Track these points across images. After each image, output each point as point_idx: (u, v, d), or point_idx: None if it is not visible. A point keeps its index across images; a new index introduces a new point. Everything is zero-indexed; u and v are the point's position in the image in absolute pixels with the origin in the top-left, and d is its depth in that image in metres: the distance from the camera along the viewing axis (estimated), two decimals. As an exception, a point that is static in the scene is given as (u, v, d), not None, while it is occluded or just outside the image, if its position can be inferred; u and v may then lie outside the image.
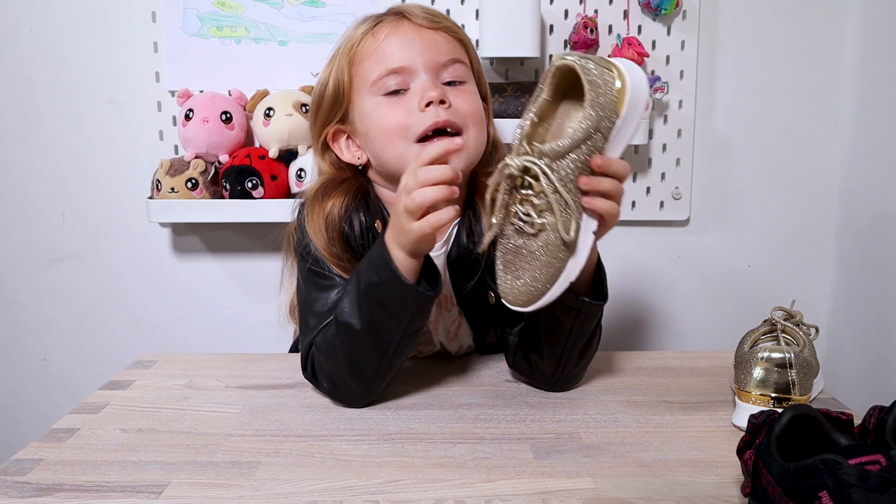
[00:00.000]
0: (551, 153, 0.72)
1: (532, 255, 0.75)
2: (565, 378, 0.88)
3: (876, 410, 0.60)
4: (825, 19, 1.37)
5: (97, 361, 1.48)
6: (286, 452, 0.74)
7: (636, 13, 1.35)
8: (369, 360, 0.82)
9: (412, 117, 0.88)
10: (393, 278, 0.78)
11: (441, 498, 0.65)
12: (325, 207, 0.92)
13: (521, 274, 0.75)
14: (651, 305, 1.48)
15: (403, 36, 0.90)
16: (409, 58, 0.90)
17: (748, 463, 0.59)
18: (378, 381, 0.84)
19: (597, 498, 0.65)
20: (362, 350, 0.81)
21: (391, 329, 0.81)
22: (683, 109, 1.39)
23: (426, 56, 0.90)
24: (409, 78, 0.90)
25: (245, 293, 1.47)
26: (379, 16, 0.94)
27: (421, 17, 0.92)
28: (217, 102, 1.31)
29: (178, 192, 1.29)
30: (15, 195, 1.44)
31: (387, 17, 0.93)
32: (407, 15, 0.92)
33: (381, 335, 0.81)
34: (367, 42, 0.92)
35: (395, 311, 0.80)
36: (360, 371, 0.83)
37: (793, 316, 0.85)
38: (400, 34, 0.91)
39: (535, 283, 0.75)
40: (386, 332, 0.81)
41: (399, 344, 0.82)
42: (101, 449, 0.76)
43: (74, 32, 1.38)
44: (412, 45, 0.90)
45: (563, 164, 0.72)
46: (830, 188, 1.42)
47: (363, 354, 0.82)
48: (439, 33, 0.92)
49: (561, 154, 0.72)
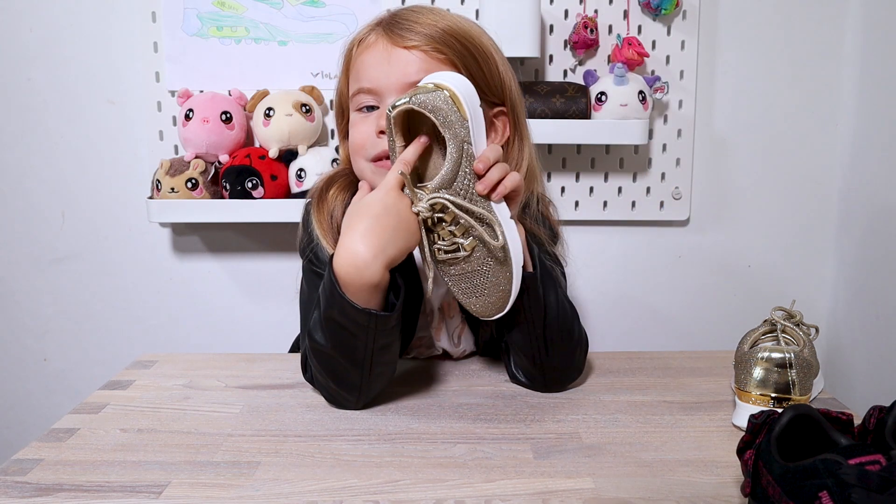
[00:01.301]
0: (443, 182, 0.78)
1: (479, 272, 0.81)
2: (550, 373, 0.87)
3: (876, 410, 0.60)
4: (825, 19, 1.37)
5: (97, 361, 1.48)
6: (286, 452, 0.74)
7: (636, 13, 1.35)
8: (348, 373, 0.82)
9: (369, 140, 0.89)
10: (343, 303, 0.77)
11: (441, 498, 0.65)
12: (328, 198, 0.93)
13: (480, 291, 0.82)
14: (651, 305, 1.48)
15: (376, 55, 0.88)
16: (376, 79, 0.88)
17: (748, 463, 0.59)
18: (365, 388, 0.83)
19: (597, 498, 0.65)
20: (338, 365, 0.81)
21: (359, 347, 0.80)
22: (683, 109, 1.39)
23: (393, 78, 0.87)
24: (379, 99, 0.89)
25: (245, 293, 1.47)
26: (375, 22, 0.92)
27: (402, 31, 0.87)
28: (217, 102, 1.31)
29: (178, 192, 1.29)
30: (15, 195, 1.44)
31: (374, 29, 0.91)
32: (389, 29, 0.89)
33: (350, 353, 0.80)
34: (354, 52, 0.92)
35: (356, 331, 0.79)
36: (343, 382, 0.83)
37: (793, 316, 0.85)
38: (373, 52, 0.88)
39: (497, 289, 0.81)
40: (355, 350, 0.80)
41: (372, 358, 0.81)
42: (101, 449, 0.75)
43: (74, 32, 1.38)
44: (382, 66, 0.88)
45: (457, 184, 0.78)
46: (830, 188, 1.42)
47: (340, 368, 0.81)
48: (413, 53, 0.87)
49: (451, 179, 0.78)
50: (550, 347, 0.86)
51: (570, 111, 1.29)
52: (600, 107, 1.30)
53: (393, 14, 0.91)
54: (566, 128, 1.29)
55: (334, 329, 0.79)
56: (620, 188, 1.42)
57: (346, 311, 0.77)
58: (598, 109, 1.30)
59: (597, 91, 1.30)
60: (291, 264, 1.47)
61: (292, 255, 1.48)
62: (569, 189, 1.42)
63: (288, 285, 1.46)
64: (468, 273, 0.81)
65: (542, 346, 0.85)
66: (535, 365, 0.87)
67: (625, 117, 1.29)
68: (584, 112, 1.30)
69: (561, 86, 1.31)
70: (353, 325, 0.78)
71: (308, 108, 1.31)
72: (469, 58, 0.88)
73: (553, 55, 1.37)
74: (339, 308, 0.78)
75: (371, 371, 0.82)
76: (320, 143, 1.37)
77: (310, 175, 1.29)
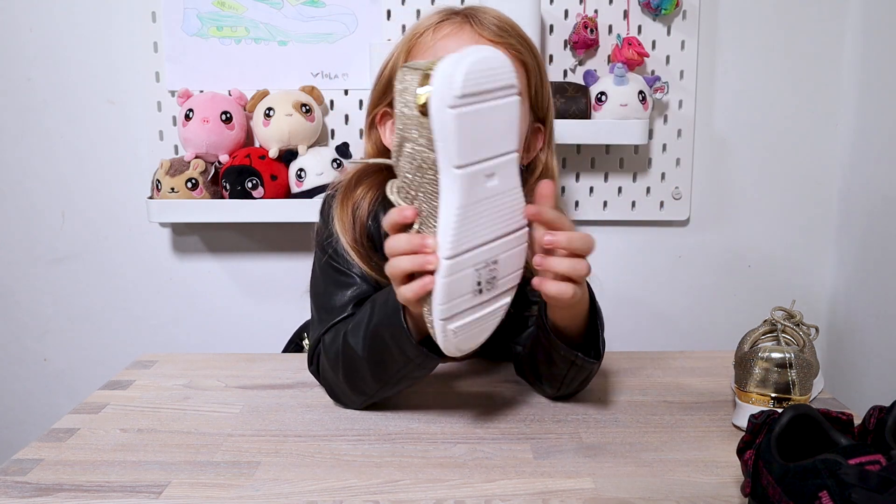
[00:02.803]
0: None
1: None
2: (566, 396, 0.87)
3: (876, 410, 0.60)
4: (825, 19, 1.37)
5: (97, 361, 1.48)
6: (286, 452, 0.74)
7: (636, 13, 1.35)
8: (367, 383, 0.81)
9: None
10: (400, 331, 0.75)
11: (441, 498, 0.65)
12: (356, 196, 0.91)
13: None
14: (651, 305, 1.48)
15: (460, 42, 0.86)
16: None
17: (748, 463, 0.59)
18: (375, 397, 0.83)
19: (597, 498, 0.65)
20: (362, 374, 0.81)
21: (392, 370, 0.79)
22: (683, 109, 1.39)
23: None
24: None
25: (245, 293, 1.47)
26: (450, 11, 0.91)
27: (488, 26, 0.87)
28: (217, 102, 1.31)
29: (178, 192, 1.29)
30: (15, 195, 1.44)
31: (455, 17, 0.89)
32: (474, 20, 0.88)
33: (381, 370, 0.80)
34: (427, 36, 0.89)
35: (398, 357, 0.78)
36: (357, 388, 0.82)
37: (793, 316, 0.85)
38: (458, 39, 0.87)
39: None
40: (387, 370, 0.80)
41: (399, 382, 0.81)
42: (101, 449, 0.75)
43: (74, 32, 1.38)
44: None
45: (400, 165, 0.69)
46: (830, 188, 1.42)
47: (362, 377, 0.81)
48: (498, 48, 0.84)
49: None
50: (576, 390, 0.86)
51: (570, 111, 1.29)
52: (600, 107, 1.30)
53: (472, 8, 0.91)
54: (566, 128, 1.29)
55: (378, 346, 0.78)
56: (620, 188, 1.42)
57: (398, 339, 0.76)
58: (598, 109, 1.30)
59: (597, 91, 1.30)
60: (291, 264, 1.47)
61: (292, 255, 1.49)
62: (569, 189, 1.42)
63: (288, 285, 1.46)
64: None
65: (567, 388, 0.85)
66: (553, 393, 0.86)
67: (625, 117, 1.29)
68: (584, 112, 1.30)
69: (561, 86, 1.31)
70: (399, 352, 0.77)
71: (308, 108, 1.31)
72: (536, 69, 0.90)
73: (553, 55, 1.37)
74: (392, 332, 0.76)
75: (390, 388, 0.82)
76: (320, 143, 1.37)
77: (310, 175, 1.29)
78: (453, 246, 0.65)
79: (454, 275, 0.66)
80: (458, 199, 0.64)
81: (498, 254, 0.68)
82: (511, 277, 0.71)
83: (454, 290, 0.66)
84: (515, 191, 0.69)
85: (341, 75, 1.37)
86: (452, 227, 0.65)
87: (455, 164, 0.64)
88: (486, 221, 0.67)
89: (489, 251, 0.68)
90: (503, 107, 0.66)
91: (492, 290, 0.69)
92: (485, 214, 0.67)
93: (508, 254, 0.69)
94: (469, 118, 0.63)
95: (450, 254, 0.65)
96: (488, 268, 0.68)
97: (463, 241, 0.65)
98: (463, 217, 0.65)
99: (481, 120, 0.64)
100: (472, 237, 0.66)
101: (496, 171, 0.67)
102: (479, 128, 0.64)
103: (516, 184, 0.69)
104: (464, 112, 0.62)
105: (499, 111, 0.66)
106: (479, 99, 0.64)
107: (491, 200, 0.67)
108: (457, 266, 0.66)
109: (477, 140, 0.65)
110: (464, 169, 0.64)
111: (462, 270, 0.66)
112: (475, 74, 0.63)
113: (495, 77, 0.65)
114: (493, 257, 0.68)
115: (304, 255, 1.45)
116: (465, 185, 0.64)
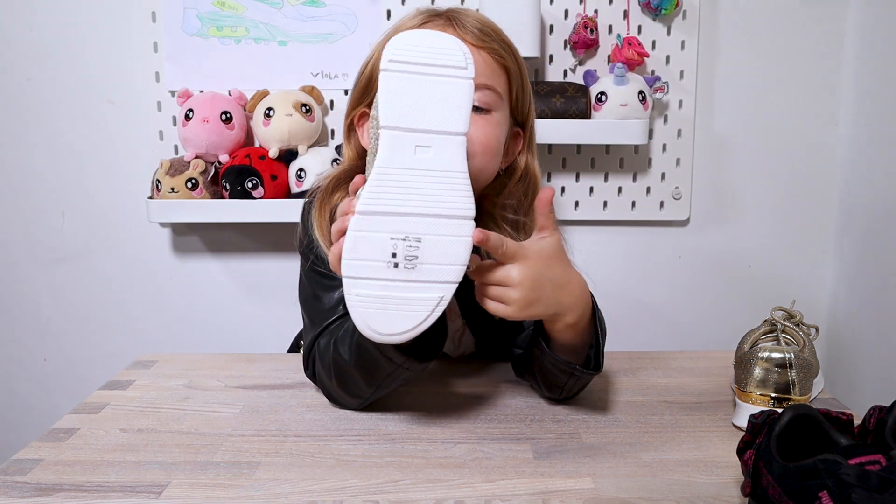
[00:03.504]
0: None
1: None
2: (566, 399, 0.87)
3: (876, 410, 0.60)
4: (825, 19, 1.37)
5: (97, 361, 1.48)
6: (286, 452, 0.74)
7: (636, 13, 1.35)
8: (360, 387, 0.82)
9: None
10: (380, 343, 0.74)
11: (441, 498, 0.65)
12: (333, 202, 0.90)
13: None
14: (651, 305, 1.48)
15: None
16: None
17: (748, 463, 0.59)
18: (371, 399, 0.84)
19: (597, 498, 0.65)
20: (354, 380, 0.81)
21: (381, 375, 0.79)
22: (683, 109, 1.39)
23: None
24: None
25: (245, 293, 1.47)
26: (432, 12, 0.90)
27: (471, 29, 0.86)
28: (217, 102, 1.31)
29: (178, 192, 1.29)
30: (15, 195, 1.44)
31: (437, 18, 0.89)
32: (457, 22, 0.87)
33: (371, 376, 0.80)
34: None
35: (385, 364, 0.78)
36: (351, 392, 0.83)
37: (793, 316, 0.85)
38: None
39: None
40: (377, 376, 0.80)
41: (392, 383, 0.81)
42: (101, 449, 0.75)
43: (74, 32, 1.38)
44: None
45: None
46: (830, 188, 1.42)
47: (355, 382, 0.81)
48: (481, 53, 0.85)
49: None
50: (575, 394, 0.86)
51: (570, 111, 1.29)
52: (600, 107, 1.30)
53: (455, 10, 0.89)
54: (566, 128, 1.29)
55: (364, 355, 0.78)
56: (620, 188, 1.42)
57: (382, 348, 0.76)
58: (598, 109, 1.30)
59: (597, 91, 1.30)
60: (291, 264, 1.47)
61: (292, 255, 1.48)
62: (569, 189, 1.42)
63: (288, 285, 1.45)
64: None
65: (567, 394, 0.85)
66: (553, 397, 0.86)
67: (625, 117, 1.29)
68: (584, 112, 1.30)
69: (561, 86, 1.31)
70: (386, 360, 0.77)
71: (308, 108, 1.31)
72: (517, 73, 0.89)
73: (553, 55, 1.37)
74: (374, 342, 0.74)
75: (384, 390, 0.82)
76: (320, 143, 1.37)
77: (310, 175, 1.29)
78: (366, 202, 0.68)
79: (364, 232, 0.68)
80: (381, 159, 0.68)
81: (422, 232, 0.68)
82: (441, 268, 0.69)
83: (362, 249, 0.68)
84: (456, 175, 0.69)
85: (341, 75, 1.38)
86: (370, 183, 0.68)
87: (382, 122, 0.68)
88: (410, 192, 0.68)
89: (409, 224, 0.68)
90: (446, 85, 0.68)
91: (412, 272, 0.69)
92: (410, 185, 0.68)
93: (437, 238, 0.69)
94: (398, 83, 0.68)
95: (362, 208, 0.68)
96: (407, 242, 0.68)
97: (378, 200, 0.68)
98: (382, 176, 0.68)
99: (416, 89, 0.68)
100: (390, 201, 0.68)
101: (432, 146, 0.68)
102: (413, 96, 0.68)
103: (459, 168, 0.69)
104: (391, 76, 0.67)
105: (441, 88, 0.68)
106: (413, 70, 0.68)
107: (421, 173, 0.68)
108: (368, 223, 0.68)
109: (408, 107, 0.68)
110: (390, 130, 0.68)
111: (374, 231, 0.68)
112: (410, 47, 0.68)
113: (439, 55, 0.68)
114: (416, 234, 0.68)
115: (304, 255, 1.44)
116: (390, 147, 0.68)
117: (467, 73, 0.69)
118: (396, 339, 0.70)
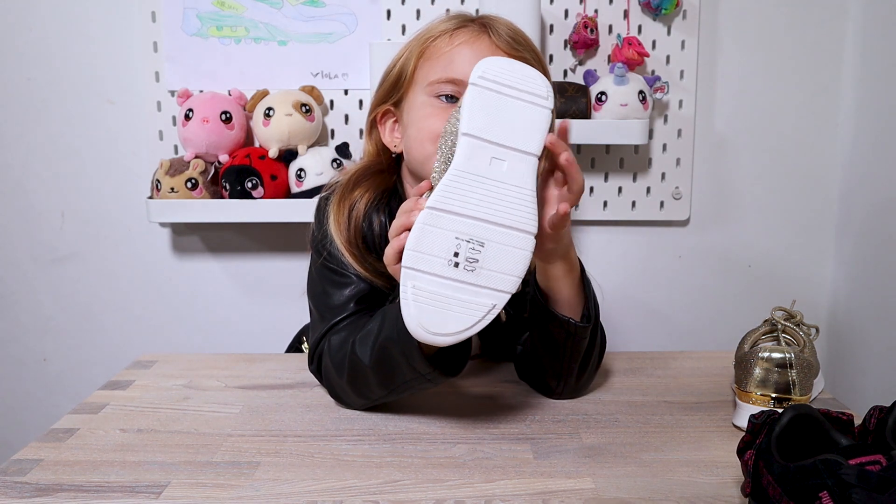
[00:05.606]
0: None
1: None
2: (569, 391, 0.88)
3: (876, 410, 0.60)
4: (825, 19, 1.37)
5: (97, 361, 1.48)
6: (286, 452, 0.74)
7: (636, 13, 1.35)
8: (372, 390, 0.82)
9: None
10: (410, 348, 0.76)
11: (441, 498, 0.65)
12: (353, 197, 0.91)
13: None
14: (651, 305, 1.48)
15: (477, 51, 0.87)
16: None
17: (748, 463, 0.59)
18: (377, 402, 0.84)
19: (597, 498, 0.65)
20: (367, 381, 0.81)
21: (399, 381, 0.80)
22: (683, 109, 1.39)
23: None
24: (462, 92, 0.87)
25: (245, 293, 1.47)
26: (465, 19, 0.91)
27: (504, 37, 0.87)
28: (217, 102, 1.31)
29: (177, 192, 1.29)
30: (15, 195, 1.44)
31: (471, 25, 0.90)
32: (491, 30, 0.88)
33: (387, 380, 0.80)
34: (442, 41, 0.89)
35: (406, 371, 0.78)
36: (361, 393, 0.83)
37: (793, 316, 0.85)
38: (474, 48, 0.87)
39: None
40: (393, 381, 0.80)
41: (405, 391, 0.81)
42: (100, 449, 0.75)
43: (74, 32, 1.38)
44: None
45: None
46: (830, 188, 1.42)
47: (367, 384, 0.82)
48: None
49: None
50: (576, 379, 0.86)
51: (570, 111, 1.29)
52: (600, 107, 1.30)
53: (488, 17, 0.91)
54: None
55: (386, 359, 0.78)
56: (620, 188, 1.42)
57: (408, 355, 0.76)
58: (598, 109, 1.30)
59: (597, 91, 1.30)
60: (291, 264, 1.47)
61: (292, 255, 1.49)
62: (569, 189, 1.42)
63: (288, 285, 1.46)
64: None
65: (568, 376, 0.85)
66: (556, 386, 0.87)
67: (625, 117, 1.29)
68: (585, 112, 1.30)
69: (561, 86, 1.31)
70: (409, 367, 0.77)
71: (308, 107, 1.31)
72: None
73: (553, 55, 1.37)
74: (403, 348, 0.76)
75: (395, 395, 0.82)
76: (320, 143, 1.37)
77: (310, 175, 1.29)
78: (438, 198, 0.71)
79: (430, 226, 0.70)
80: (457, 163, 0.72)
81: (486, 238, 0.71)
82: (499, 276, 0.71)
83: (426, 243, 0.70)
84: (525, 191, 0.72)
85: (341, 75, 1.38)
86: (445, 182, 0.71)
87: (463, 130, 0.72)
88: (481, 197, 0.71)
89: (476, 228, 0.71)
90: (528, 109, 0.73)
91: (471, 275, 0.70)
92: (482, 191, 0.71)
93: (500, 247, 0.71)
94: (485, 98, 0.72)
95: (433, 204, 0.70)
96: (471, 244, 0.70)
97: (449, 199, 0.71)
98: (457, 178, 0.71)
99: (498, 107, 0.73)
100: (461, 202, 0.71)
101: (507, 160, 0.72)
102: (495, 112, 0.72)
103: (528, 186, 0.73)
104: (480, 90, 0.72)
105: (523, 111, 0.73)
106: (499, 89, 0.73)
107: (494, 183, 0.72)
108: (436, 218, 0.70)
109: (490, 121, 0.72)
110: (470, 138, 0.72)
111: (440, 226, 0.70)
112: (498, 69, 0.73)
113: (523, 82, 0.73)
114: (480, 238, 0.71)
115: (304, 255, 1.44)
116: (467, 152, 0.71)
117: (548, 104, 0.74)
118: (441, 341, 0.71)
